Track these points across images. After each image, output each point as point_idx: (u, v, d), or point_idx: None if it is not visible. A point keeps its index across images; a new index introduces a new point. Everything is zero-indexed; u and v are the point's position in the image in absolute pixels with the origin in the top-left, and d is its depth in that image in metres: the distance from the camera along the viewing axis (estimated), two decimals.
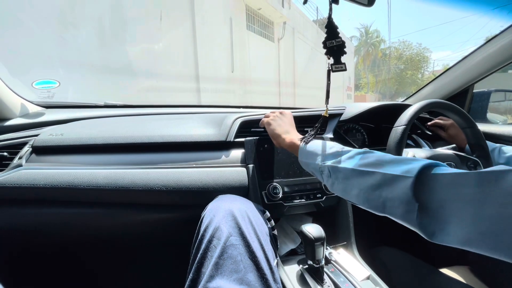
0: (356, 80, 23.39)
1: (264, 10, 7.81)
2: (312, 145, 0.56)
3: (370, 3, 0.63)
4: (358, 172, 0.44)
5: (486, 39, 1.03)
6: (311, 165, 0.54)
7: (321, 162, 0.51)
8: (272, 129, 0.67)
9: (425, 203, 0.35)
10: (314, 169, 0.54)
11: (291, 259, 0.67)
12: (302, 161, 0.58)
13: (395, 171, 0.39)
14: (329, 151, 0.52)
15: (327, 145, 0.54)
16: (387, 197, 0.39)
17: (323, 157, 0.51)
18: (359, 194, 0.44)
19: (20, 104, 0.90)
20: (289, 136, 0.63)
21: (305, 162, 0.56)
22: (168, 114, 1.11)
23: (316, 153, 0.53)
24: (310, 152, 0.55)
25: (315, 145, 0.55)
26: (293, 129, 0.67)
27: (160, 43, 4.61)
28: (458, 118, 0.78)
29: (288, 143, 0.61)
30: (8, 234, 0.74)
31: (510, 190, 0.27)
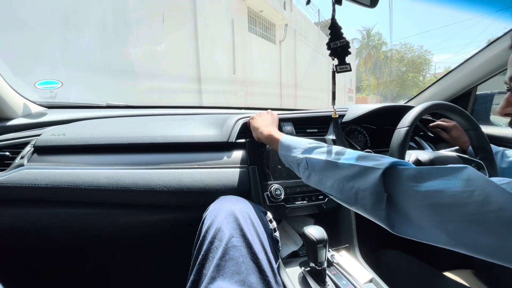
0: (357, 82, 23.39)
1: (266, 12, 7.83)
2: (291, 138, 0.59)
3: (373, 4, 0.63)
4: (334, 164, 0.47)
5: (488, 42, 1.02)
6: (289, 157, 0.56)
7: (299, 155, 0.53)
8: (254, 123, 0.71)
9: (392, 195, 0.37)
10: (291, 162, 0.56)
11: (293, 261, 0.67)
12: (281, 154, 0.60)
13: (368, 164, 0.42)
14: (308, 145, 0.54)
15: (306, 140, 0.57)
16: (359, 187, 0.41)
17: (302, 150, 0.54)
18: (333, 184, 0.46)
19: (23, 104, 0.90)
20: (267, 129, 0.66)
21: (284, 155, 0.58)
22: (170, 115, 1.12)
23: (295, 146, 0.56)
24: (289, 145, 0.57)
25: (294, 139, 0.58)
26: (274, 126, 0.71)
27: (162, 44, 4.62)
28: (461, 120, 0.78)
29: (266, 135, 0.65)
30: (9, 233, 0.74)
31: (466, 183, 0.30)
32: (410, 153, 0.75)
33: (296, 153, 0.55)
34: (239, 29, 6.71)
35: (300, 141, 0.57)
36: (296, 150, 0.55)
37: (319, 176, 0.49)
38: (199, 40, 5.30)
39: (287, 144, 0.58)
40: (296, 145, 0.56)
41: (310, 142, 0.56)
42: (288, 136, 0.61)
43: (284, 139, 0.60)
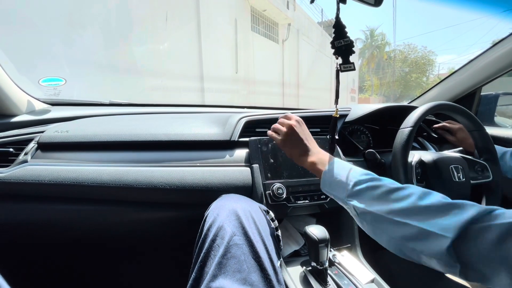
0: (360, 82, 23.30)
1: (269, 11, 7.82)
2: (335, 173, 0.50)
3: (378, 3, 0.62)
4: (387, 220, 0.39)
5: (493, 43, 1.01)
6: (335, 197, 0.50)
7: (345, 198, 0.47)
8: (286, 141, 0.60)
9: (469, 264, 0.31)
10: (339, 200, 0.50)
11: (294, 260, 0.67)
12: (324, 190, 0.53)
13: (432, 227, 0.34)
14: (354, 187, 0.46)
15: (351, 175, 0.48)
16: (422, 251, 0.35)
17: (348, 193, 0.46)
18: (389, 241, 0.40)
19: (27, 101, 0.91)
20: (309, 158, 0.56)
21: (328, 192, 0.52)
22: (172, 113, 1.12)
23: (339, 185, 0.48)
24: (331, 183, 0.50)
25: (338, 174, 0.49)
26: (313, 144, 0.58)
27: (165, 43, 4.63)
28: (465, 121, 0.77)
29: (309, 162, 0.55)
30: (12, 229, 0.75)
31: None
32: (413, 154, 0.75)
33: (340, 194, 0.48)
34: (242, 28, 6.70)
35: (345, 176, 0.48)
36: (340, 190, 0.48)
37: (371, 227, 0.43)
38: (202, 39, 5.31)
39: (329, 182, 0.51)
40: (340, 182, 0.48)
41: (356, 179, 0.46)
42: (331, 167, 0.51)
43: (326, 175, 0.51)
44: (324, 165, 0.53)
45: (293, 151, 0.59)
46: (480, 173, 0.76)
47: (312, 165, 0.55)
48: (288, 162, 0.73)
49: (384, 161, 0.81)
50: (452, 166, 0.72)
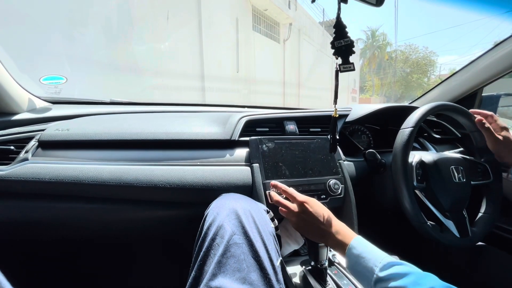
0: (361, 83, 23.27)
1: (271, 11, 7.82)
2: (356, 261, 0.48)
3: (379, 3, 0.62)
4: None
5: (495, 43, 1.01)
6: (361, 283, 0.49)
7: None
8: (306, 235, 0.57)
9: None
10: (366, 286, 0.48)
11: (294, 260, 0.67)
12: (349, 269, 0.51)
13: None
14: (379, 274, 0.44)
15: (371, 268, 0.46)
16: None
17: (372, 282, 0.45)
18: None
19: (28, 99, 0.91)
20: (328, 241, 0.54)
21: (354, 276, 0.51)
22: (173, 112, 1.12)
23: (361, 276, 0.48)
24: (355, 271, 0.49)
25: (359, 263, 0.48)
26: (325, 223, 0.55)
27: (166, 42, 4.64)
28: (466, 122, 0.77)
29: (331, 246, 0.54)
30: (12, 227, 0.75)
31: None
32: (414, 154, 0.75)
33: (364, 285, 0.47)
34: (243, 27, 6.70)
35: (365, 267, 0.46)
36: (364, 282, 0.47)
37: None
38: (203, 38, 5.31)
39: (352, 268, 0.50)
40: (360, 274, 0.47)
41: (376, 275, 0.45)
42: (352, 252, 0.49)
43: (348, 260, 0.50)
44: (344, 248, 0.51)
45: (312, 235, 0.56)
46: (480, 174, 0.76)
47: (335, 247, 0.53)
48: (288, 161, 0.73)
49: (384, 161, 0.81)
50: (452, 167, 0.72)
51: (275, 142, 0.75)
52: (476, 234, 0.71)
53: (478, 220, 0.75)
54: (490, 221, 0.73)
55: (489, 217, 0.73)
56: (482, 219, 0.74)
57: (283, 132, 0.84)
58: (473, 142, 0.80)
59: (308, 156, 0.76)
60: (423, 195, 0.73)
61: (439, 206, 0.71)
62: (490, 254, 0.77)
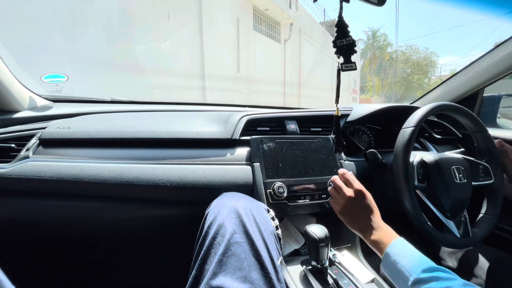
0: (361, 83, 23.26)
1: (271, 11, 7.82)
2: (396, 259, 0.48)
3: (381, 3, 0.62)
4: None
5: (495, 44, 1.01)
6: (395, 284, 0.49)
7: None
8: (348, 222, 0.58)
9: None
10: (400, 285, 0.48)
11: (295, 259, 0.67)
12: (386, 272, 0.51)
13: None
14: (415, 286, 0.44)
15: (412, 267, 0.45)
16: None
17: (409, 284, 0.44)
18: None
19: (29, 97, 0.91)
20: (371, 235, 0.54)
21: (389, 276, 0.50)
22: (174, 111, 1.12)
23: (399, 275, 0.47)
24: (393, 271, 0.48)
25: (399, 262, 0.48)
26: (374, 216, 0.55)
27: (167, 41, 4.64)
28: (468, 122, 0.77)
29: (370, 242, 0.54)
30: (13, 225, 0.75)
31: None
32: (415, 154, 0.74)
33: (399, 285, 0.47)
34: (244, 27, 6.70)
35: (405, 266, 0.46)
36: (400, 282, 0.47)
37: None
38: (204, 38, 5.31)
39: (390, 267, 0.49)
40: (399, 273, 0.46)
41: (417, 275, 0.44)
42: (392, 250, 0.49)
43: (386, 259, 0.49)
44: (385, 245, 0.51)
45: (353, 224, 0.57)
46: (481, 175, 0.76)
47: (374, 243, 0.53)
48: (289, 161, 0.73)
49: (385, 161, 0.81)
50: (453, 167, 0.72)
51: (276, 141, 0.75)
52: (477, 234, 0.71)
53: (479, 220, 0.75)
54: (491, 222, 0.73)
55: (490, 218, 0.73)
56: (483, 219, 0.74)
57: (284, 132, 0.84)
58: (474, 142, 0.80)
59: (309, 156, 0.76)
60: (424, 195, 0.73)
61: (440, 207, 0.71)
62: (491, 255, 0.77)
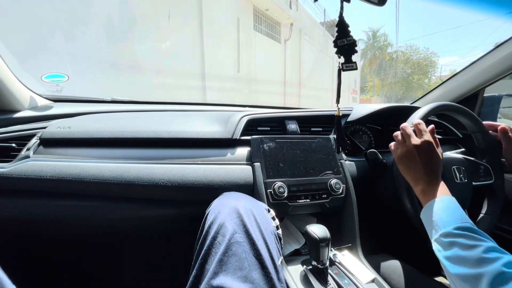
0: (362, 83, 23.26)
1: (272, 11, 7.82)
2: (434, 211, 0.50)
3: (382, 2, 0.62)
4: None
5: (496, 45, 1.01)
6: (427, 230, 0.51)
7: (432, 239, 0.48)
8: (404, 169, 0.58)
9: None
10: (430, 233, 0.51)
11: (295, 259, 0.67)
12: (422, 218, 0.53)
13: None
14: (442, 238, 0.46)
15: (446, 220, 0.47)
16: None
17: (434, 237, 0.47)
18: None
19: (29, 97, 0.91)
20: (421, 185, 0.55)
21: (424, 223, 0.53)
22: (174, 111, 1.12)
23: (432, 225, 0.50)
24: (429, 219, 0.50)
25: (436, 214, 0.49)
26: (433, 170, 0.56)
27: (167, 41, 4.64)
28: (468, 122, 0.77)
29: (418, 191, 0.56)
30: (13, 224, 0.75)
31: None
32: None
33: (429, 232, 0.50)
34: (244, 27, 6.70)
35: (440, 218, 0.48)
36: (430, 229, 0.49)
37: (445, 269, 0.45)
38: (204, 38, 5.31)
39: (426, 215, 0.51)
40: (433, 222, 0.49)
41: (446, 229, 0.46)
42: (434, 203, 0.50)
43: (426, 208, 0.51)
44: (429, 197, 0.52)
45: (407, 172, 0.57)
46: (482, 175, 0.76)
47: (424, 192, 0.54)
48: (289, 161, 0.73)
49: (385, 161, 0.81)
50: (454, 167, 0.72)
51: (277, 141, 0.75)
52: None
53: (479, 220, 0.74)
54: (492, 222, 0.73)
55: (491, 218, 0.73)
56: (484, 219, 0.74)
57: (285, 132, 0.84)
58: (474, 142, 0.80)
59: (310, 156, 0.76)
60: None
61: None
62: None
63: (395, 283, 0.65)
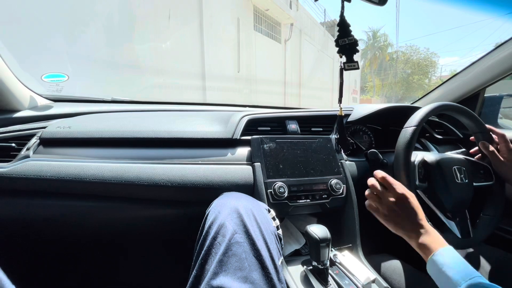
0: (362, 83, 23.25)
1: (272, 11, 7.82)
2: (443, 265, 0.47)
3: (382, 2, 0.62)
4: None
5: (496, 45, 1.01)
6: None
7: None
8: (394, 227, 0.56)
9: None
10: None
11: (295, 259, 0.66)
12: (430, 274, 0.51)
13: None
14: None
15: (460, 276, 0.44)
16: None
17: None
18: None
19: (29, 97, 0.91)
20: (419, 238, 0.52)
21: (434, 278, 0.50)
22: (174, 111, 1.12)
23: (445, 282, 0.46)
24: (439, 275, 0.48)
25: (447, 268, 0.47)
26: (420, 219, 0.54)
27: (168, 41, 4.64)
28: (469, 123, 0.77)
29: (416, 245, 0.53)
30: (13, 224, 0.75)
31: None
32: (416, 154, 0.74)
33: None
34: (245, 27, 6.70)
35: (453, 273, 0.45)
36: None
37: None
38: (204, 38, 5.31)
39: (435, 270, 0.48)
40: (447, 279, 0.46)
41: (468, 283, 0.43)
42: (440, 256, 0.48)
43: (433, 262, 0.48)
44: (432, 250, 0.50)
45: (398, 229, 0.55)
46: (483, 175, 0.76)
47: (420, 247, 0.52)
48: (290, 161, 0.73)
49: (386, 161, 0.81)
50: (455, 167, 0.72)
51: (277, 141, 0.75)
52: (478, 235, 0.71)
53: (480, 221, 0.74)
54: (492, 223, 0.72)
55: (491, 219, 0.73)
56: (484, 220, 0.74)
57: (285, 132, 0.84)
58: (475, 143, 0.79)
59: (310, 156, 0.76)
60: (425, 195, 0.73)
61: (441, 206, 0.71)
62: (493, 255, 0.77)
63: (395, 283, 0.65)
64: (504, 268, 0.73)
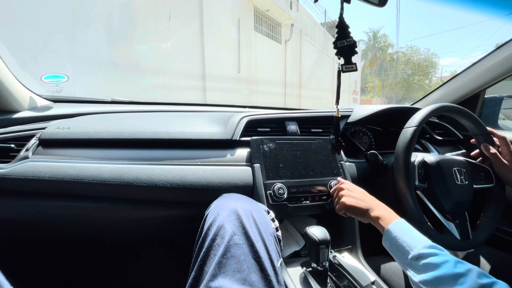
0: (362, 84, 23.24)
1: (272, 11, 7.81)
2: (396, 235, 0.50)
3: (382, 3, 0.62)
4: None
5: (497, 46, 1.00)
6: (395, 258, 0.51)
7: (404, 265, 0.47)
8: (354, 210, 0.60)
9: None
10: (397, 262, 0.51)
11: (295, 261, 0.66)
12: (385, 246, 0.53)
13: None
14: (415, 261, 0.45)
15: (412, 243, 0.47)
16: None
17: (407, 261, 0.46)
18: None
19: (29, 97, 0.91)
20: (372, 213, 0.57)
21: (388, 250, 0.52)
22: (174, 111, 1.12)
23: (399, 250, 0.48)
24: (393, 245, 0.50)
25: (400, 238, 0.49)
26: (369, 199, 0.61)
27: (168, 42, 4.64)
28: (470, 125, 0.77)
29: (373, 216, 0.56)
30: (12, 226, 0.75)
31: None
32: (416, 154, 0.74)
33: (399, 259, 0.49)
34: (245, 28, 6.70)
35: (406, 242, 0.47)
36: (400, 255, 0.48)
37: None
38: (204, 38, 5.31)
39: (390, 242, 0.51)
40: (400, 247, 0.48)
41: (418, 251, 0.45)
42: (394, 227, 0.51)
43: (387, 234, 0.51)
44: (386, 222, 0.53)
45: (359, 211, 0.59)
46: (483, 177, 0.76)
47: (376, 219, 0.55)
48: (289, 162, 0.73)
49: (386, 162, 0.81)
50: (455, 169, 0.72)
51: (276, 142, 0.75)
52: (477, 237, 0.70)
53: (479, 223, 0.74)
54: (492, 225, 0.72)
55: (491, 221, 0.73)
56: (484, 222, 0.73)
57: (285, 133, 0.84)
58: (476, 145, 0.79)
59: (310, 157, 0.76)
60: (424, 196, 0.72)
61: (441, 208, 0.71)
62: (491, 256, 0.77)
63: (395, 285, 0.65)
64: (504, 270, 0.73)
